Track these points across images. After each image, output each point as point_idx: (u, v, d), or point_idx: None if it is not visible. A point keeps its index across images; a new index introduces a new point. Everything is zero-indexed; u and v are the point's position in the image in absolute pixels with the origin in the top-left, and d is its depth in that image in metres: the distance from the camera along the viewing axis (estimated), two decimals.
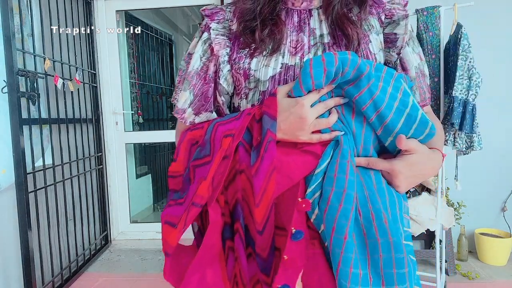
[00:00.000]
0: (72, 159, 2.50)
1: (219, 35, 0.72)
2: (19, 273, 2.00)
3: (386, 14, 0.72)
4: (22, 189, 1.93)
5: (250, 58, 0.70)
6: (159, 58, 4.35)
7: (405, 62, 0.71)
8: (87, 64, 2.81)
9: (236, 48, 0.72)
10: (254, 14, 0.70)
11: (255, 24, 0.70)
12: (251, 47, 0.70)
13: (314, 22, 0.71)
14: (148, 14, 3.94)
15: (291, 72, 0.67)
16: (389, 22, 0.72)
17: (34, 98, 2.06)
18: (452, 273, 2.37)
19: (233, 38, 0.73)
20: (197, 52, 0.73)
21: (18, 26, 2.03)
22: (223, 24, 0.74)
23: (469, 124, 1.66)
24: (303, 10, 0.73)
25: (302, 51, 0.69)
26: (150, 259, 2.78)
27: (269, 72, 0.68)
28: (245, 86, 0.70)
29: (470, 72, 1.66)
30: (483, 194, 2.65)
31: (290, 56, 0.69)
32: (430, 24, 1.84)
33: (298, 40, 0.70)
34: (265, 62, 0.69)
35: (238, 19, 0.73)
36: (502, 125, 2.62)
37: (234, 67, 0.71)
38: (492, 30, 2.56)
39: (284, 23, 0.71)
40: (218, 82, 0.72)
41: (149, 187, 4.03)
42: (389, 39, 0.72)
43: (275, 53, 0.69)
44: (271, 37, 0.69)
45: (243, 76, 0.70)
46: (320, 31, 0.71)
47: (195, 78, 0.72)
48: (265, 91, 0.68)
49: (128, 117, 3.42)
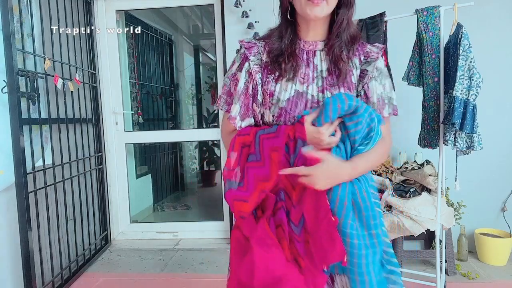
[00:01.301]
0: (72, 159, 2.50)
1: (255, 65, 1.03)
2: (15, 274, 2.00)
3: (364, 55, 1.03)
4: (22, 189, 1.93)
5: (275, 83, 1.01)
6: (159, 58, 4.35)
7: (369, 91, 1.01)
8: (87, 64, 2.81)
9: (266, 73, 1.03)
10: (281, 51, 1.01)
11: (282, 59, 1.00)
12: (275, 74, 1.02)
13: (317, 60, 1.03)
14: (148, 14, 3.94)
15: (300, 96, 0.99)
16: (365, 61, 1.02)
17: (34, 98, 2.06)
18: (452, 273, 2.38)
19: (264, 66, 1.04)
20: (242, 77, 1.04)
21: (18, 26, 2.03)
22: (257, 56, 1.04)
23: (469, 124, 1.65)
24: (310, 50, 1.03)
25: (308, 82, 1.01)
26: (150, 259, 2.78)
27: (286, 95, 1.00)
28: (269, 101, 1.01)
29: (471, 72, 1.66)
30: (483, 194, 2.65)
31: (300, 85, 1.00)
32: (430, 24, 1.84)
33: (306, 73, 1.01)
34: (284, 87, 1.00)
35: (268, 53, 1.04)
36: (502, 125, 2.62)
37: (263, 87, 1.03)
38: (492, 30, 2.56)
39: (299, 59, 1.02)
40: (256, 97, 1.03)
41: (149, 187, 4.04)
42: (362, 74, 1.02)
43: (291, 81, 1.00)
44: (291, 69, 1.00)
45: (269, 95, 1.01)
46: (321, 67, 1.02)
47: (242, 96, 1.03)
48: (282, 107, 0.99)
49: (128, 117, 3.42)
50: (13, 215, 2.01)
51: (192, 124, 5.37)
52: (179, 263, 2.70)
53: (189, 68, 5.29)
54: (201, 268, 2.59)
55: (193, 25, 5.26)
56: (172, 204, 4.35)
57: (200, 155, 5.35)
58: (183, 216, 4.01)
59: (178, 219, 3.84)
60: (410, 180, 2.11)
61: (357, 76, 1.02)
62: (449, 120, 1.68)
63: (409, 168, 2.16)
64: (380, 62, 1.02)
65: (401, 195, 1.98)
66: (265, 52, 1.04)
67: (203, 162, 5.24)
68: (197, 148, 5.32)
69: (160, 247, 3.01)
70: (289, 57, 1.00)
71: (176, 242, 3.12)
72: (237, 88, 1.03)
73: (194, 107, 5.42)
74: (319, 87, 1.00)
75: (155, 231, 3.26)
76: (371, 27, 1.93)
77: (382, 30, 1.94)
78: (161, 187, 4.36)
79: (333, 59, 1.00)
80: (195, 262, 2.70)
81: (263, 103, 1.03)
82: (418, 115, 2.00)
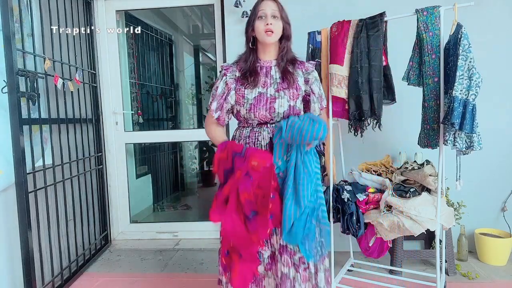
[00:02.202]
0: (72, 159, 2.50)
1: (231, 78, 1.57)
2: (12, 274, 2.00)
3: (305, 69, 1.61)
4: (22, 189, 1.93)
5: (244, 88, 1.54)
6: (159, 58, 4.35)
7: (313, 90, 1.60)
8: (87, 64, 2.81)
9: (238, 84, 1.56)
10: (247, 69, 1.56)
11: (248, 74, 1.54)
12: (244, 84, 1.54)
13: (273, 72, 1.57)
14: (148, 14, 3.94)
15: (262, 95, 1.52)
16: (306, 73, 1.60)
17: (34, 98, 2.06)
18: (452, 273, 2.38)
19: (237, 79, 1.57)
20: (220, 86, 1.57)
21: (18, 26, 2.03)
22: (232, 73, 1.58)
23: (469, 124, 1.65)
24: (267, 66, 1.58)
25: (267, 86, 1.54)
26: (150, 259, 2.78)
27: (253, 95, 1.53)
28: (242, 100, 1.54)
29: (470, 72, 1.66)
30: (483, 194, 2.65)
31: (262, 88, 1.54)
32: (430, 24, 1.84)
33: (265, 81, 1.55)
34: (251, 91, 1.54)
35: (239, 70, 1.58)
36: (502, 125, 2.62)
37: (237, 92, 1.56)
38: (492, 30, 2.56)
39: (259, 73, 1.56)
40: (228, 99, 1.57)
41: (149, 187, 4.04)
42: (306, 80, 1.60)
43: (255, 87, 1.53)
44: (254, 80, 1.53)
45: (241, 96, 1.54)
46: (275, 76, 1.56)
47: (219, 98, 1.57)
48: (251, 103, 1.52)
49: (128, 117, 3.42)
50: (13, 215, 2.01)
51: (192, 124, 5.37)
52: (179, 263, 2.70)
53: (189, 68, 5.29)
54: (201, 268, 2.59)
55: (193, 25, 5.26)
56: (172, 204, 4.35)
57: (200, 155, 5.34)
58: (183, 216, 4.01)
59: (178, 219, 3.84)
60: (410, 180, 2.11)
61: (303, 81, 1.59)
62: (448, 120, 1.67)
63: (409, 168, 2.16)
64: (315, 73, 1.62)
65: (401, 195, 1.98)
66: (237, 70, 1.58)
67: (203, 162, 5.24)
68: (197, 148, 5.32)
69: (160, 247, 3.01)
70: (251, 73, 1.54)
71: (176, 242, 3.12)
72: (216, 93, 1.57)
73: (194, 107, 5.42)
74: (275, 89, 1.53)
75: (155, 231, 3.26)
76: (371, 27, 1.93)
77: (382, 30, 1.94)
78: (161, 187, 4.35)
79: (282, 71, 1.55)
80: (195, 262, 2.70)
81: (237, 102, 1.56)
82: (418, 115, 2.00)
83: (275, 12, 1.51)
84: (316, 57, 2.15)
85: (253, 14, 1.55)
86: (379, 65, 1.93)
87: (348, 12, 2.23)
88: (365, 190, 2.11)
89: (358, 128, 2.08)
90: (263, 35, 1.50)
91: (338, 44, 2.00)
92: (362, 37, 1.94)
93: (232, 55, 2.85)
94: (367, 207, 2.06)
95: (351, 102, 1.99)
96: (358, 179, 2.22)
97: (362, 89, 1.94)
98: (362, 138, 2.09)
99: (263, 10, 1.51)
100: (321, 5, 2.68)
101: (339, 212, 2.08)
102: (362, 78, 1.94)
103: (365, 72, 1.94)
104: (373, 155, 2.53)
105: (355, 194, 2.07)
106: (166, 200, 4.42)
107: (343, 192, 2.08)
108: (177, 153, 4.89)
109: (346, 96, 2.00)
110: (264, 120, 1.52)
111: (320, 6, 2.68)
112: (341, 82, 2.00)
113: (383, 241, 2.06)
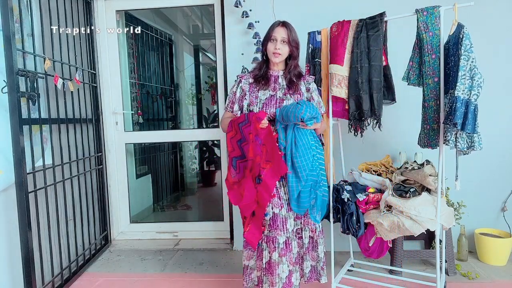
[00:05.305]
0: (72, 159, 2.50)
1: (245, 84, 1.95)
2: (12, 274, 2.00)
3: (306, 80, 1.96)
4: (22, 189, 1.93)
5: (258, 92, 1.92)
6: (159, 58, 4.35)
7: (313, 97, 1.96)
8: (87, 64, 2.81)
9: (251, 88, 1.94)
10: (259, 76, 1.94)
11: (260, 80, 1.93)
12: (257, 88, 1.92)
13: (280, 80, 1.94)
14: (148, 14, 3.94)
15: (272, 97, 1.89)
16: (307, 83, 1.96)
17: (34, 98, 2.06)
18: (452, 273, 2.38)
19: (250, 84, 1.95)
20: (238, 90, 1.95)
21: (18, 26, 2.03)
22: (247, 80, 1.96)
23: (471, 124, 1.65)
24: (275, 75, 1.95)
25: (276, 90, 1.91)
26: (150, 259, 2.78)
27: (264, 96, 1.90)
28: (256, 101, 1.90)
29: (472, 72, 1.65)
30: (483, 194, 2.65)
31: (272, 91, 1.91)
32: (430, 24, 1.83)
33: (274, 86, 1.92)
34: (263, 93, 1.91)
35: (252, 77, 1.96)
36: (502, 125, 2.62)
37: (251, 94, 1.92)
38: (492, 30, 2.56)
39: (270, 80, 1.93)
40: (243, 99, 1.94)
41: (149, 187, 4.03)
42: (307, 89, 1.95)
43: (266, 90, 1.91)
44: (265, 84, 1.91)
45: (255, 97, 1.91)
46: (283, 83, 1.93)
47: (237, 100, 1.95)
48: (263, 103, 1.88)
49: (128, 117, 3.42)
50: (13, 215, 2.01)
51: (192, 124, 5.36)
52: (179, 263, 2.70)
53: (189, 68, 5.29)
54: (201, 268, 2.59)
55: (193, 25, 5.25)
56: (172, 204, 4.35)
57: (200, 155, 5.34)
58: (183, 216, 4.02)
59: (178, 219, 3.84)
60: (410, 180, 2.11)
61: (305, 89, 1.94)
62: (450, 120, 1.67)
63: (409, 168, 2.16)
64: (314, 84, 1.99)
65: (401, 195, 1.98)
66: (251, 77, 1.96)
67: (203, 162, 5.24)
68: (197, 148, 5.32)
69: (160, 247, 3.01)
70: (263, 78, 1.92)
71: (176, 242, 3.12)
72: (234, 96, 1.96)
73: (194, 107, 5.41)
74: (283, 93, 1.90)
75: (155, 231, 3.26)
76: (371, 27, 1.93)
77: (382, 30, 1.93)
78: (161, 187, 4.35)
79: (289, 81, 1.92)
80: (195, 262, 2.70)
81: (251, 103, 1.91)
82: (418, 115, 2.00)
83: (284, 38, 1.86)
84: (316, 57, 2.16)
85: (267, 36, 1.90)
86: (379, 65, 1.93)
87: (348, 12, 2.23)
88: (365, 190, 2.11)
89: (358, 128, 2.08)
90: (272, 56, 1.89)
91: (338, 44, 2.00)
92: (362, 37, 1.94)
93: (232, 55, 2.86)
94: (367, 207, 2.06)
95: (351, 102, 1.99)
96: (358, 179, 2.22)
97: (362, 89, 1.94)
98: (362, 138, 2.09)
99: (274, 36, 1.87)
100: (321, 5, 2.68)
101: (339, 212, 2.08)
102: (362, 78, 1.94)
103: (365, 72, 1.94)
104: (373, 155, 2.53)
105: (355, 194, 2.07)
106: (166, 200, 4.42)
107: (343, 192, 2.08)
108: (177, 153, 4.89)
109: (346, 96, 2.01)
110: (273, 117, 1.85)
111: (320, 6, 2.68)
112: (341, 82, 2.00)
113: (383, 241, 2.06)
